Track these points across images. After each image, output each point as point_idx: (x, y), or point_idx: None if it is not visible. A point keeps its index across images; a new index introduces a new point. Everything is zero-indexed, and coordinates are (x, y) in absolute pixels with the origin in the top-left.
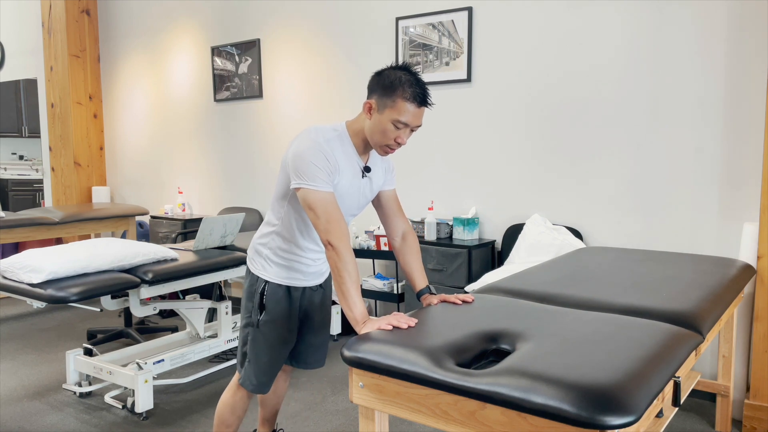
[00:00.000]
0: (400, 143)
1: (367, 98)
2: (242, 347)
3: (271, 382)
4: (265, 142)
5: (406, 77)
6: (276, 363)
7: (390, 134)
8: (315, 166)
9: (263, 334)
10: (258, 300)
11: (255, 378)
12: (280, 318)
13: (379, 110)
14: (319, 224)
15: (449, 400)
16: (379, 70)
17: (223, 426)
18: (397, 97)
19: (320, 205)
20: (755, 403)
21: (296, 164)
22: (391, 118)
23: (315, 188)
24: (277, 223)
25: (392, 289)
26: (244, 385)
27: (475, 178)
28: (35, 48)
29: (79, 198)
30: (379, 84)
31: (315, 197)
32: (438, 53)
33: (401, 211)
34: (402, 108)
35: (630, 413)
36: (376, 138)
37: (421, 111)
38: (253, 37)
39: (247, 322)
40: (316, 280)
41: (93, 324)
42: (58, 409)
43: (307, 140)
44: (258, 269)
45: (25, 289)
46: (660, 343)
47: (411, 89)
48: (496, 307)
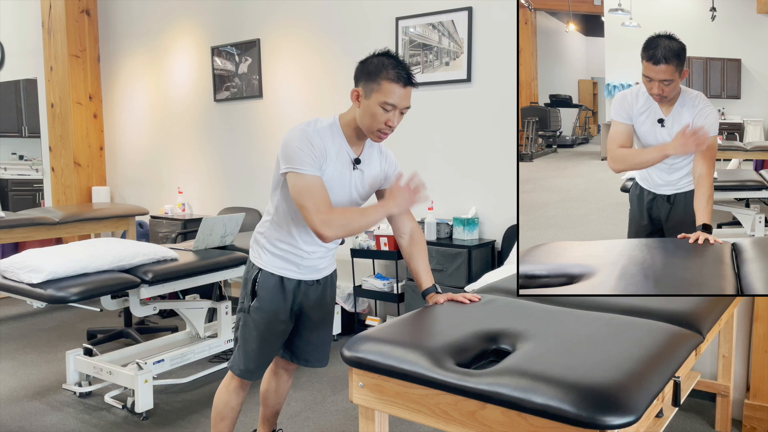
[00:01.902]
0: (391, 126)
1: (354, 87)
2: (235, 332)
3: (260, 371)
4: (265, 142)
5: (388, 61)
6: (264, 352)
7: (380, 117)
8: (300, 150)
9: (253, 320)
10: (251, 287)
11: (243, 364)
12: (270, 306)
13: (367, 96)
14: (306, 206)
15: (449, 400)
16: (362, 59)
17: (218, 418)
18: (381, 80)
19: (306, 189)
20: (755, 403)
21: (284, 150)
22: (379, 101)
23: (301, 171)
24: (272, 212)
25: (392, 289)
26: (232, 369)
27: (475, 178)
28: (35, 48)
29: (79, 198)
30: (364, 71)
31: (301, 181)
32: (438, 53)
33: (408, 210)
34: (388, 89)
35: (630, 413)
36: (367, 123)
37: (407, 91)
38: (253, 37)
39: (240, 308)
40: (311, 275)
41: (93, 324)
42: (58, 409)
43: (296, 130)
44: (254, 257)
45: (25, 289)
46: (660, 343)
47: (394, 70)
48: (496, 307)
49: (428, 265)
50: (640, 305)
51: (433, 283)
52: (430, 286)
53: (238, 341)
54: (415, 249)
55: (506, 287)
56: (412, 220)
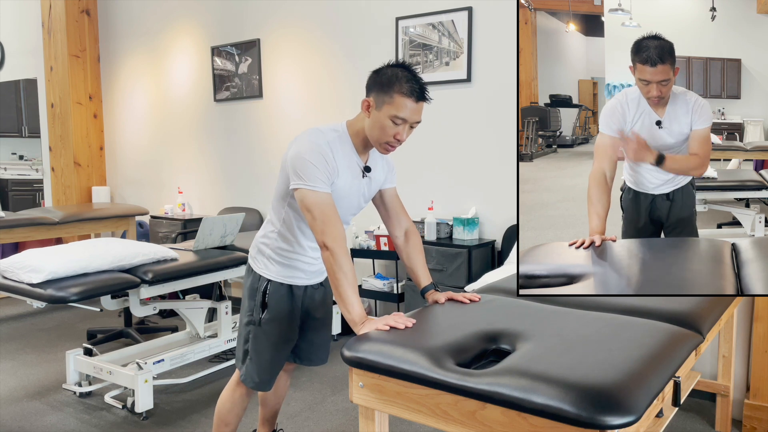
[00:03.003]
0: (399, 140)
1: (366, 96)
2: (243, 345)
3: (273, 380)
4: (265, 142)
5: (402, 73)
6: (278, 361)
7: (389, 130)
8: (314, 166)
9: (265, 332)
10: (260, 298)
11: (257, 376)
12: (282, 316)
13: (377, 107)
14: (315, 225)
15: (449, 400)
16: (376, 69)
17: (222, 424)
18: (394, 93)
19: (317, 207)
20: (755, 403)
21: (295, 165)
22: (389, 114)
23: (313, 189)
24: (278, 223)
25: (392, 289)
26: (245, 382)
27: (475, 178)
28: (35, 48)
29: (79, 198)
30: (377, 81)
31: (312, 198)
32: (438, 53)
33: (403, 209)
34: (400, 103)
35: (630, 413)
36: (376, 135)
37: (419, 106)
38: (253, 37)
39: (248, 320)
40: (317, 279)
41: (93, 324)
42: (58, 409)
43: (306, 142)
44: (260, 268)
45: (25, 289)
46: (660, 343)
47: (408, 84)
48: (496, 307)
49: (425, 263)
50: (640, 305)
51: (431, 281)
52: (428, 284)
53: (248, 354)
54: (411, 247)
55: (506, 287)
56: (408, 219)
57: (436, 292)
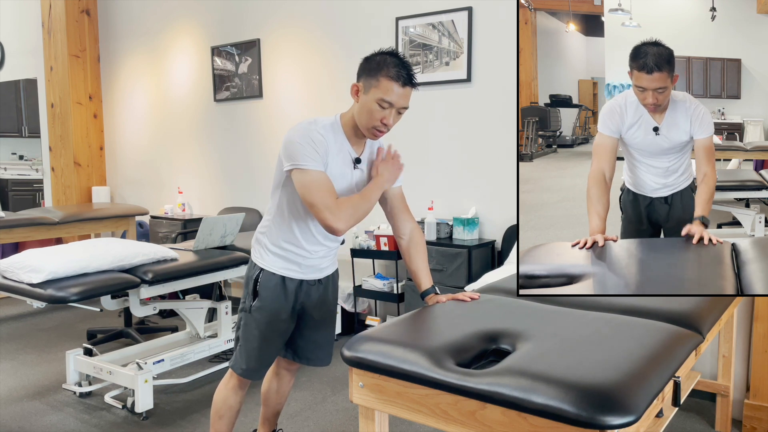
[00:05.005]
0: (386, 124)
1: (355, 82)
2: (236, 331)
3: (263, 370)
4: (265, 142)
5: (391, 59)
6: (266, 351)
7: (376, 114)
8: (303, 146)
9: (255, 320)
10: (252, 286)
11: (244, 363)
12: (272, 306)
13: (365, 91)
14: (314, 203)
15: (449, 400)
16: (367, 56)
17: (217, 416)
18: (381, 77)
19: (313, 184)
20: (755, 403)
21: (286, 148)
22: (376, 98)
23: (305, 167)
24: (274, 211)
25: (392, 289)
26: (234, 368)
27: (475, 178)
28: (35, 48)
29: (79, 198)
30: (365, 67)
31: (307, 177)
32: (438, 53)
33: (407, 210)
34: (386, 87)
35: (630, 413)
36: (363, 119)
37: (406, 91)
38: (253, 37)
39: (241, 307)
40: (313, 275)
41: (93, 324)
42: (58, 409)
43: (297, 128)
44: (256, 256)
45: (25, 289)
46: (660, 343)
47: (395, 69)
48: (496, 307)
49: (428, 266)
50: (640, 305)
51: (432, 285)
52: (429, 288)
53: (239, 340)
54: (415, 250)
55: (506, 287)
56: (412, 220)
57: (436, 295)
